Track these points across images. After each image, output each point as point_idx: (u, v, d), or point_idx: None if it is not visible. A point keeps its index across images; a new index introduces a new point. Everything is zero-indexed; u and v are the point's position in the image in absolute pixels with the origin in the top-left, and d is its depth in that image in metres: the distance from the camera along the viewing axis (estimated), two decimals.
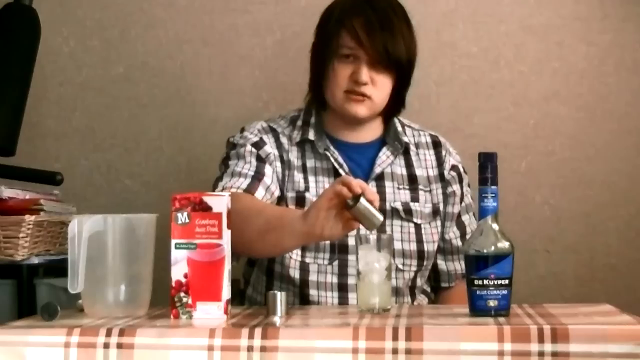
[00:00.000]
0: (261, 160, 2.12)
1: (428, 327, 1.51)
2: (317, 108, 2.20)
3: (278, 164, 2.14)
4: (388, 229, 2.13)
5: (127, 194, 2.77)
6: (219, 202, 1.74)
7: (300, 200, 2.12)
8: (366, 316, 1.69)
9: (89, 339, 1.56)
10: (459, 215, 2.24)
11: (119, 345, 1.55)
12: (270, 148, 2.15)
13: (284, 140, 2.18)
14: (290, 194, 2.13)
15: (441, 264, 2.23)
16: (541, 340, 1.47)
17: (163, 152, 2.78)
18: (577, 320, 1.57)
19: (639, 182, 2.65)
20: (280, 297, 1.74)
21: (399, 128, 2.21)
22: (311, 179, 2.15)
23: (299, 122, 2.20)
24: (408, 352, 1.49)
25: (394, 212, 2.15)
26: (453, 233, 2.23)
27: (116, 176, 2.79)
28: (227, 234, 1.73)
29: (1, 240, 2.20)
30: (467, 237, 2.21)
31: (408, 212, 2.16)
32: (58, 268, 2.17)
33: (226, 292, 1.73)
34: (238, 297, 2.18)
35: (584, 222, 2.66)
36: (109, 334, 1.56)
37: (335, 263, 2.10)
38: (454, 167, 2.24)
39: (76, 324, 1.61)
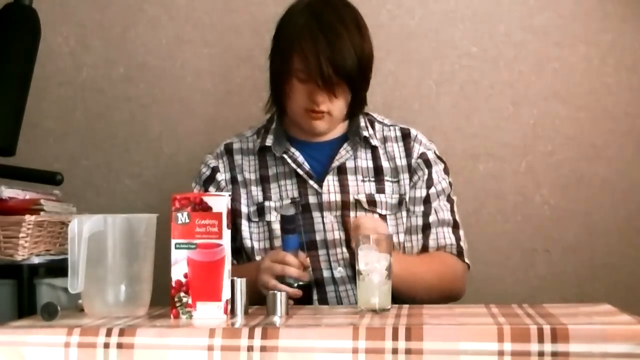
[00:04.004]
0: None
1: (428, 327, 1.51)
2: (280, 114, 2.26)
3: (230, 186, 2.23)
4: (351, 220, 2.15)
5: (127, 194, 2.77)
6: (219, 202, 1.74)
7: (260, 212, 2.20)
8: (366, 316, 1.69)
9: (89, 339, 1.56)
10: (427, 201, 2.22)
11: (119, 345, 1.55)
12: (221, 175, 2.25)
13: (239, 159, 2.26)
14: (252, 208, 2.19)
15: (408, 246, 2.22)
16: (541, 340, 1.47)
17: (163, 152, 2.78)
18: (577, 320, 1.57)
19: (639, 182, 2.65)
20: (280, 297, 1.74)
21: (362, 124, 2.25)
22: (273, 185, 2.21)
23: (263, 131, 2.27)
24: (408, 352, 1.49)
25: (357, 204, 2.18)
26: (419, 216, 2.21)
27: (116, 176, 2.79)
28: (227, 233, 1.73)
29: (1, 240, 2.20)
30: (431, 224, 2.20)
31: (372, 204, 2.19)
32: (58, 268, 2.17)
33: (226, 292, 1.73)
34: None
35: (584, 222, 2.66)
36: (109, 334, 1.56)
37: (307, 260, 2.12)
38: (421, 155, 2.25)
39: (76, 324, 1.61)
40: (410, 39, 2.70)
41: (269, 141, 2.23)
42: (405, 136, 2.26)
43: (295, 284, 1.98)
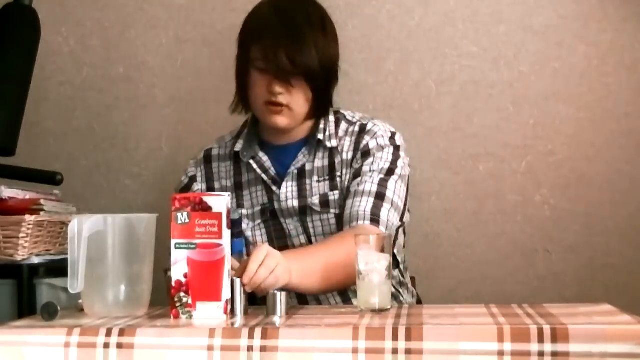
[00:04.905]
0: None
1: (428, 327, 1.51)
2: (253, 116, 2.25)
3: None
4: (310, 224, 2.17)
5: (127, 194, 2.77)
6: (219, 202, 1.74)
7: (237, 220, 2.19)
8: (366, 316, 1.69)
9: (89, 339, 1.56)
10: (355, 177, 2.16)
11: (119, 345, 1.55)
12: (198, 185, 2.27)
13: (216, 167, 2.27)
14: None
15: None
16: (541, 340, 1.47)
17: (163, 152, 2.78)
18: (577, 320, 1.57)
19: (639, 182, 2.65)
20: (280, 297, 1.74)
21: (322, 125, 2.21)
22: (245, 192, 2.22)
23: (237, 135, 2.27)
24: (408, 352, 1.49)
25: (312, 209, 2.18)
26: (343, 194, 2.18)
27: (116, 176, 2.79)
28: (227, 233, 1.73)
29: (1, 240, 2.20)
30: (349, 194, 2.13)
31: (325, 204, 2.18)
32: (58, 268, 2.17)
33: (226, 292, 1.73)
34: None
35: (584, 222, 2.65)
36: (109, 334, 1.56)
37: None
38: (364, 146, 2.18)
39: (76, 324, 1.61)
40: (410, 39, 2.70)
41: (238, 146, 2.23)
42: (361, 131, 2.21)
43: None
